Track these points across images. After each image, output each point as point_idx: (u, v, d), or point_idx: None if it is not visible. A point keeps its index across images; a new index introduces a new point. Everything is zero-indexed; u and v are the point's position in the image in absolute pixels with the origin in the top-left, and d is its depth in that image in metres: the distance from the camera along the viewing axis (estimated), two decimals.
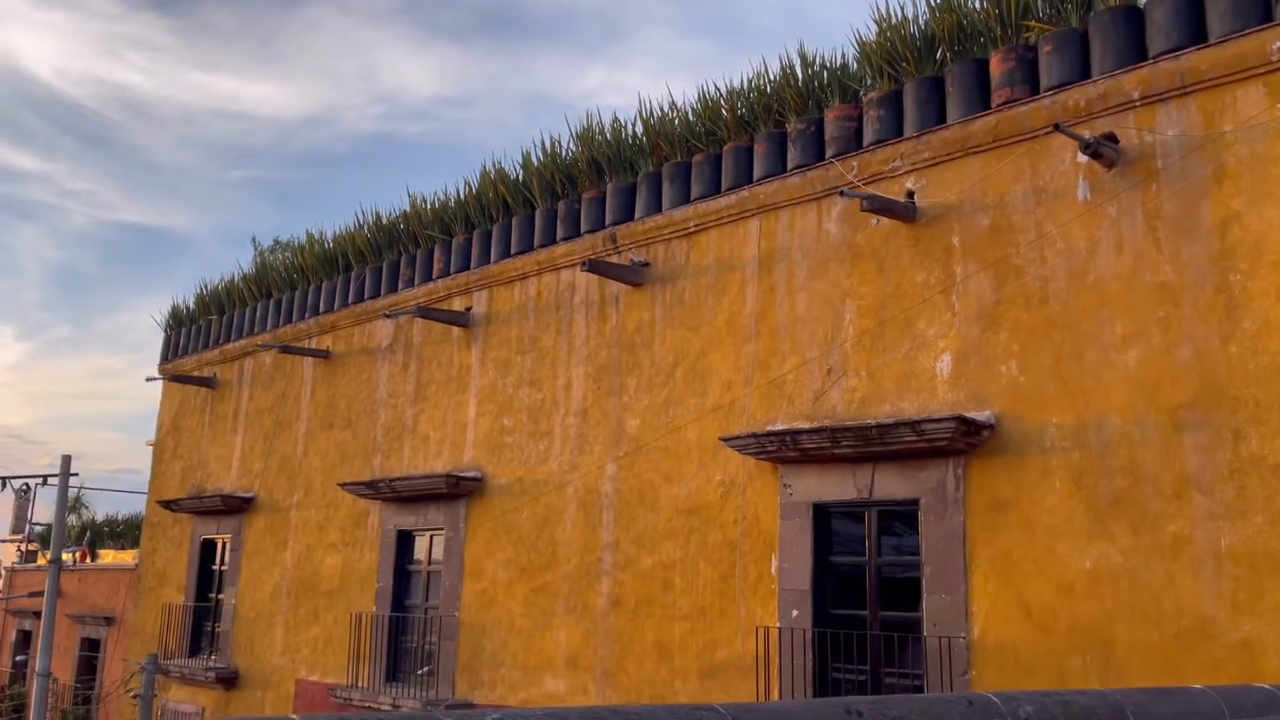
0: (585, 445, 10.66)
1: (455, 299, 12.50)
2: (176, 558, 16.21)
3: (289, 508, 14.29)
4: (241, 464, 15.41)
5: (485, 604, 11.22)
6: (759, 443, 8.79)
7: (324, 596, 13.32)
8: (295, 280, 15.18)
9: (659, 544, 9.76)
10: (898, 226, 8.63)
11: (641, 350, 10.37)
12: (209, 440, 16.25)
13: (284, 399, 14.90)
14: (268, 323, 15.45)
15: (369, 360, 13.59)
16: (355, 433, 13.52)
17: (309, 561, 13.72)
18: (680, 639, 9.41)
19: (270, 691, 13.79)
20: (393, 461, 12.82)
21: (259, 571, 14.54)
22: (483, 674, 11.03)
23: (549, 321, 11.37)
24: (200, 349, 16.84)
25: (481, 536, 11.49)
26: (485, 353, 12.02)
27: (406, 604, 12.32)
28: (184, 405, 17.09)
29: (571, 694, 10.16)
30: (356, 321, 13.88)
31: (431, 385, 12.58)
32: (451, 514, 11.84)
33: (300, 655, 13.47)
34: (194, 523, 15.93)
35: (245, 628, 14.52)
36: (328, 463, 13.82)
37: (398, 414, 12.95)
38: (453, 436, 12.15)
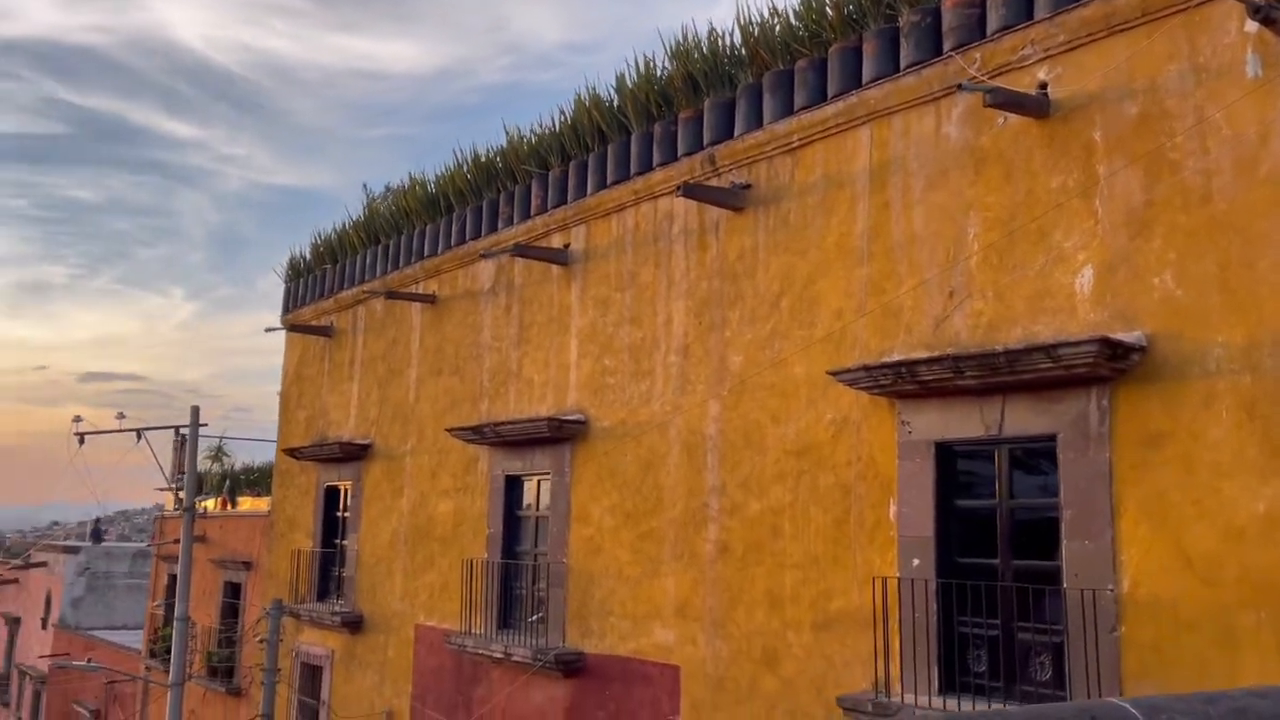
0: (687, 384, 10.00)
1: (554, 235, 11.95)
2: (304, 505, 16.46)
3: (403, 454, 14.20)
4: (358, 412, 15.43)
5: (592, 551, 10.78)
6: (872, 376, 7.93)
7: (438, 543, 13.19)
8: (401, 225, 14.95)
9: (767, 488, 9.06)
10: (1028, 124, 7.54)
11: (744, 280, 9.59)
12: (328, 389, 16.34)
13: (395, 345, 14.77)
14: (377, 269, 15.30)
15: (473, 304, 13.24)
16: (462, 378, 13.24)
17: (423, 508, 13.61)
18: (791, 589, 8.73)
19: (392, 636, 13.84)
20: (499, 406, 12.48)
21: (378, 518, 14.56)
22: (592, 622, 10.63)
23: (647, 255, 10.69)
24: (316, 299, 16.90)
25: (586, 481, 11.03)
26: (584, 291, 11.45)
27: (517, 550, 12.03)
28: (305, 355, 17.24)
29: (681, 645, 9.65)
30: (460, 264, 13.53)
31: (533, 327, 12.12)
32: (556, 458, 11.42)
33: (419, 600, 13.43)
34: (318, 470, 16.11)
35: (367, 573, 14.61)
36: (437, 408, 13.61)
37: (502, 357, 12.57)
38: (555, 379, 11.68)
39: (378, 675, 14.01)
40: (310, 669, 15.52)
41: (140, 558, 28.16)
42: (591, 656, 10.55)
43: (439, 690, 12.73)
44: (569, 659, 10.61)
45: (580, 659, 10.61)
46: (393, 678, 13.69)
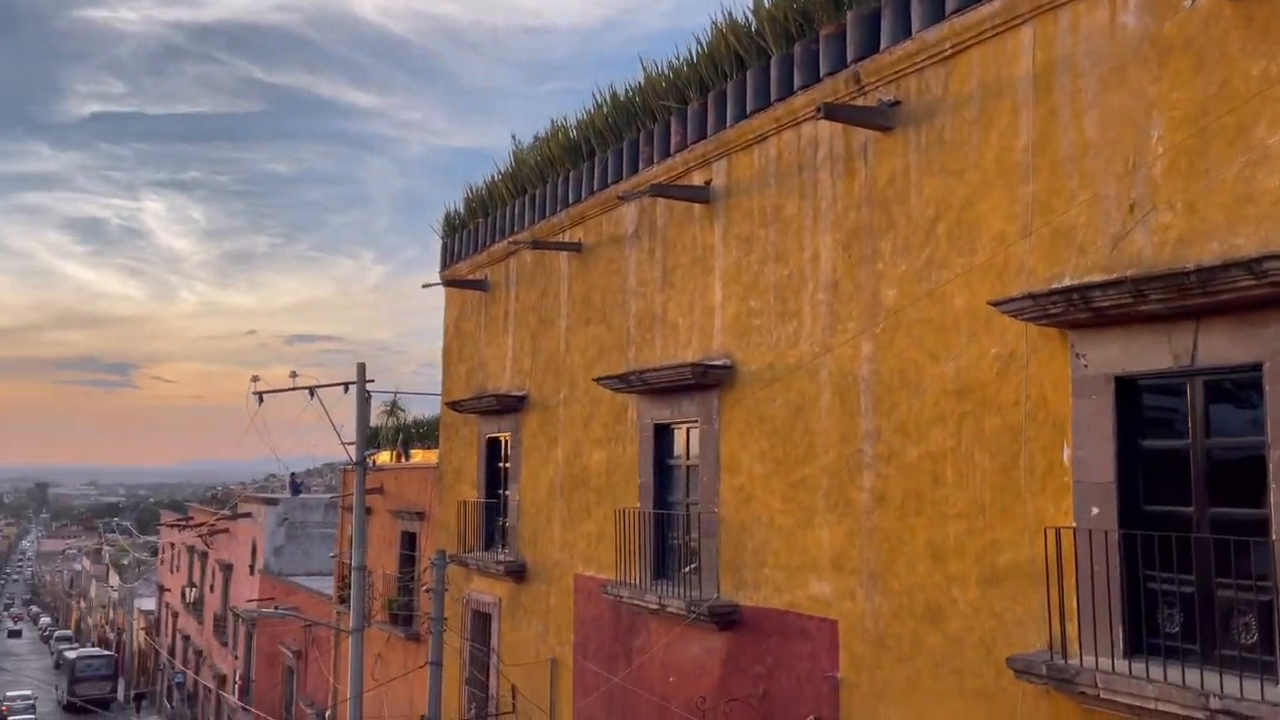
0: (837, 323, 9.35)
1: (694, 173, 11.43)
2: (468, 456, 16.75)
3: (557, 404, 14.14)
4: (513, 363, 15.48)
5: (743, 500, 10.36)
6: (1040, 305, 7.11)
7: (593, 492, 13.08)
8: (546, 174, 14.76)
9: (926, 432, 8.36)
10: (1221, 4, 6.46)
11: (896, 207, 8.82)
12: (485, 342, 16.48)
13: (545, 296, 14.67)
14: (525, 220, 15.20)
15: (617, 249, 12.92)
16: (609, 325, 12.99)
17: (578, 458, 13.52)
18: (955, 540, 8.05)
19: (554, 585, 13.90)
20: (645, 353, 12.16)
21: (536, 468, 14.61)
22: (746, 574, 10.25)
23: (791, 186, 10.04)
24: (471, 253, 17.02)
25: (735, 428, 10.58)
26: (727, 229, 10.91)
27: (669, 500, 11.75)
28: (463, 309, 17.45)
29: (838, 598, 9.13)
30: (603, 210, 13.22)
31: (677, 270, 11.69)
32: (704, 405, 11.01)
33: (577, 550, 13.41)
34: (479, 422, 16.32)
35: (529, 523, 14.71)
36: (587, 358, 13.43)
37: (647, 303, 12.22)
38: (700, 323, 11.24)
39: (541, 624, 14.14)
40: (480, 616, 15.87)
41: (331, 508, 29.73)
42: (747, 609, 10.18)
43: (599, 640, 12.69)
44: (724, 611, 10.28)
45: (735, 611, 10.26)
46: (555, 626, 13.77)
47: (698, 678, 10.82)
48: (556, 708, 13.52)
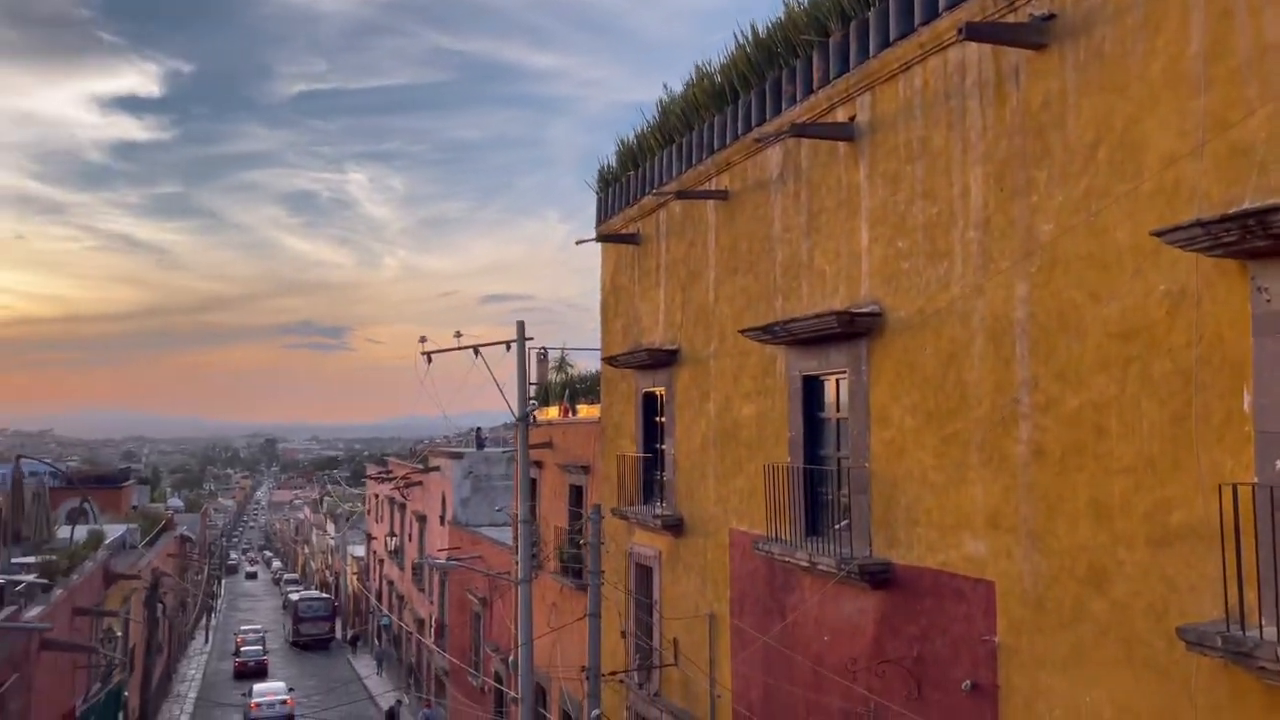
0: (989, 263, 8.63)
1: (838, 109, 10.81)
2: (626, 411, 16.77)
3: (707, 358, 13.88)
4: (665, 317, 15.30)
5: (894, 454, 9.83)
6: (1213, 233, 6.26)
7: (744, 447, 12.79)
8: (691, 120, 14.38)
9: (1087, 379, 7.61)
10: None
11: (1051, 132, 8.00)
12: (639, 296, 16.37)
13: (693, 247, 14.37)
14: (673, 170, 14.91)
15: (762, 195, 12.45)
16: (756, 275, 12.58)
17: (728, 411, 13.25)
18: (1121, 497, 7.31)
19: (710, 540, 13.76)
20: (792, 302, 11.70)
21: (690, 422, 14.44)
22: (898, 531, 9.75)
23: (938, 116, 9.30)
24: (623, 207, 16.89)
25: (885, 379, 10.02)
26: (873, 167, 10.27)
27: (819, 454, 11.32)
28: (618, 264, 17.38)
29: (994, 558, 8.53)
30: (747, 155, 12.75)
31: (823, 214, 11.14)
32: (852, 355, 10.49)
33: (730, 505, 13.19)
34: (635, 377, 16.28)
35: (684, 477, 14.60)
36: (735, 309, 13.08)
37: (793, 250, 11.73)
38: (847, 269, 10.68)
39: (699, 578, 14.05)
40: (642, 569, 15.95)
41: (512, 462, 30.70)
42: (900, 568, 9.69)
43: (754, 596, 12.47)
44: (875, 570, 9.83)
45: (887, 570, 9.79)
46: (712, 581, 13.65)
47: (851, 637, 10.44)
48: (716, 662, 13.43)
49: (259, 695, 36.62)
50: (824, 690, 10.85)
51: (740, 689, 12.78)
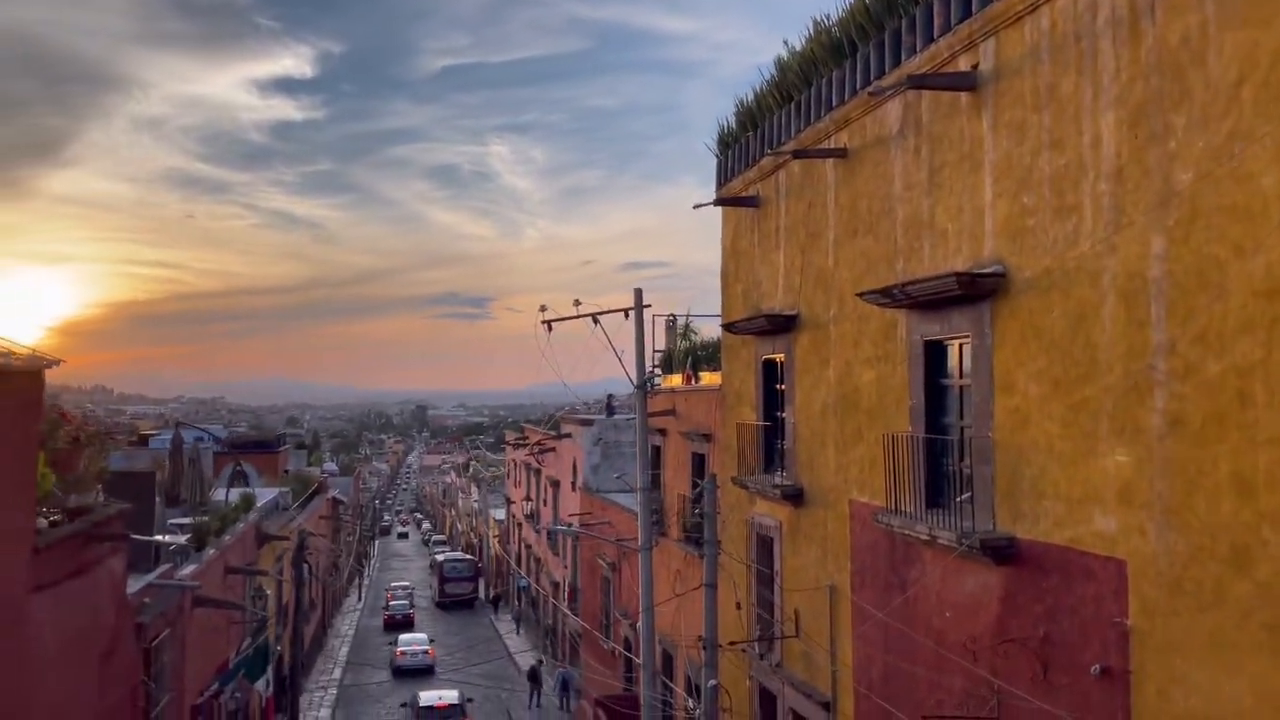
0: (1122, 217, 7.97)
1: (960, 58, 10.17)
2: (746, 378, 16.48)
3: (827, 322, 13.45)
4: (785, 281, 14.91)
5: (1019, 423, 9.27)
6: None
7: (865, 414, 12.35)
8: (810, 76, 13.87)
9: (1230, 342, 6.94)
10: None
11: (1190, 71, 7.28)
12: (759, 260, 16.00)
13: (812, 208, 13.91)
14: (791, 129, 14.44)
15: (882, 152, 11.90)
16: (876, 236, 12.06)
17: (849, 378, 12.81)
18: (1266, 471, 6.66)
19: (830, 510, 13.39)
20: (914, 264, 11.16)
21: (809, 389, 14.06)
22: (1023, 505, 9.20)
23: (1067, 60, 8.62)
24: (742, 169, 16.51)
25: (1009, 343, 9.45)
26: (996, 117, 9.63)
27: (942, 422, 10.80)
28: (738, 228, 17.04)
29: (1126, 535, 7.94)
30: (866, 110, 12.20)
31: (944, 169, 10.55)
32: (975, 319, 9.93)
33: (850, 475, 12.78)
34: (755, 343, 15.96)
35: (804, 446, 14.24)
36: (855, 272, 12.60)
37: (914, 208, 11.17)
38: (970, 227, 10.09)
39: (820, 549, 13.71)
40: (763, 539, 15.71)
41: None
42: (1024, 543, 9.16)
43: (875, 569, 12.08)
44: (998, 545, 9.33)
45: (1011, 545, 9.27)
46: (833, 553, 13.30)
47: (974, 614, 9.97)
48: (836, 635, 13.11)
49: (404, 644, 39.40)
50: (945, 669, 10.42)
51: (861, 664, 12.44)
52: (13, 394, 8.64)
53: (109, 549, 11.60)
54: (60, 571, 9.89)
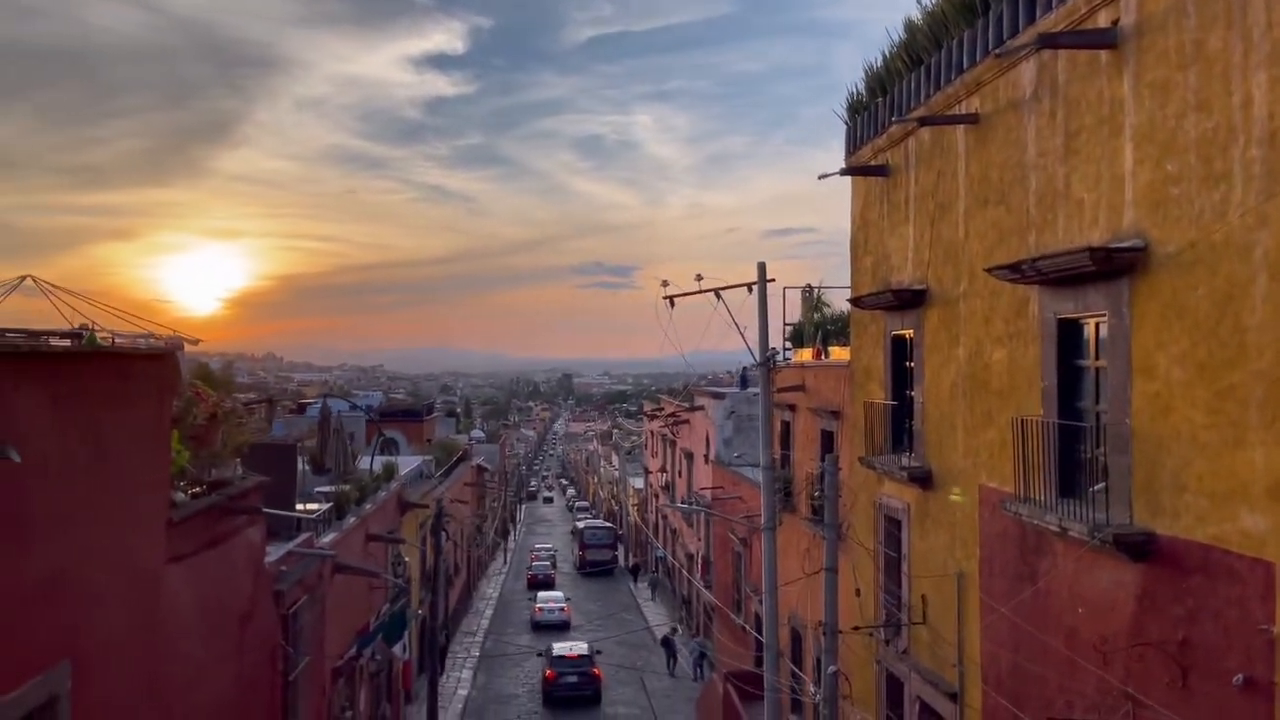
0: (1275, 185, 7.19)
1: (1099, 13, 9.40)
2: (875, 354, 15.92)
3: (956, 298, 12.80)
4: (914, 254, 14.27)
5: (1159, 410, 8.56)
6: None
7: (995, 396, 11.72)
8: (940, 37, 13.14)
9: None
10: None
11: None
12: (888, 232, 15.38)
13: (942, 178, 13.23)
14: (920, 94, 13.75)
15: (1015, 116, 11.16)
16: (1009, 207, 11.36)
17: (978, 357, 12.17)
18: None
19: (958, 495, 12.81)
20: (1047, 236, 10.45)
21: (938, 368, 13.45)
22: (1162, 498, 8.52)
23: (1214, 13, 7.82)
24: (871, 136, 15.87)
25: (1149, 323, 8.72)
26: (1138, 77, 8.85)
27: (1077, 406, 10.12)
28: (868, 198, 16.42)
29: (1276, 535, 7.23)
30: (998, 72, 11.46)
31: (1081, 134, 9.80)
32: (1112, 296, 9.22)
33: (980, 459, 12.17)
34: (884, 319, 15.39)
35: (933, 427, 13.66)
36: (986, 245, 11.92)
37: (1048, 177, 10.45)
38: (1108, 197, 9.35)
39: (948, 535, 13.15)
40: (891, 521, 15.20)
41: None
42: (1164, 539, 8.49)
43: (1004, 559, 11.48)
44: (1135, 540, 8.68)
45: (1149, 541, 8.60)
46: (962, 539, 12.73)
47: (1107, 613, 9.34)
48: (964, 625, 12.57)
49: (542, 601, 42.33)
50: (1077, 670, 9.82)
51: (988, 658, 11.89)
52: (147, 376, 9.08)
53: (246, 520, 12.16)
54: (196, 542, 10.42)
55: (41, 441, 7.10)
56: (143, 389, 8.94)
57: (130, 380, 8.68)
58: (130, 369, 8.72)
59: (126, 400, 8.60)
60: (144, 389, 8.96)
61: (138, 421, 8.83)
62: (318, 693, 16.39)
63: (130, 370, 8.70)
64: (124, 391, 8.52)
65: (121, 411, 8.48)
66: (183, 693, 10.14)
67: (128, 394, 8.60)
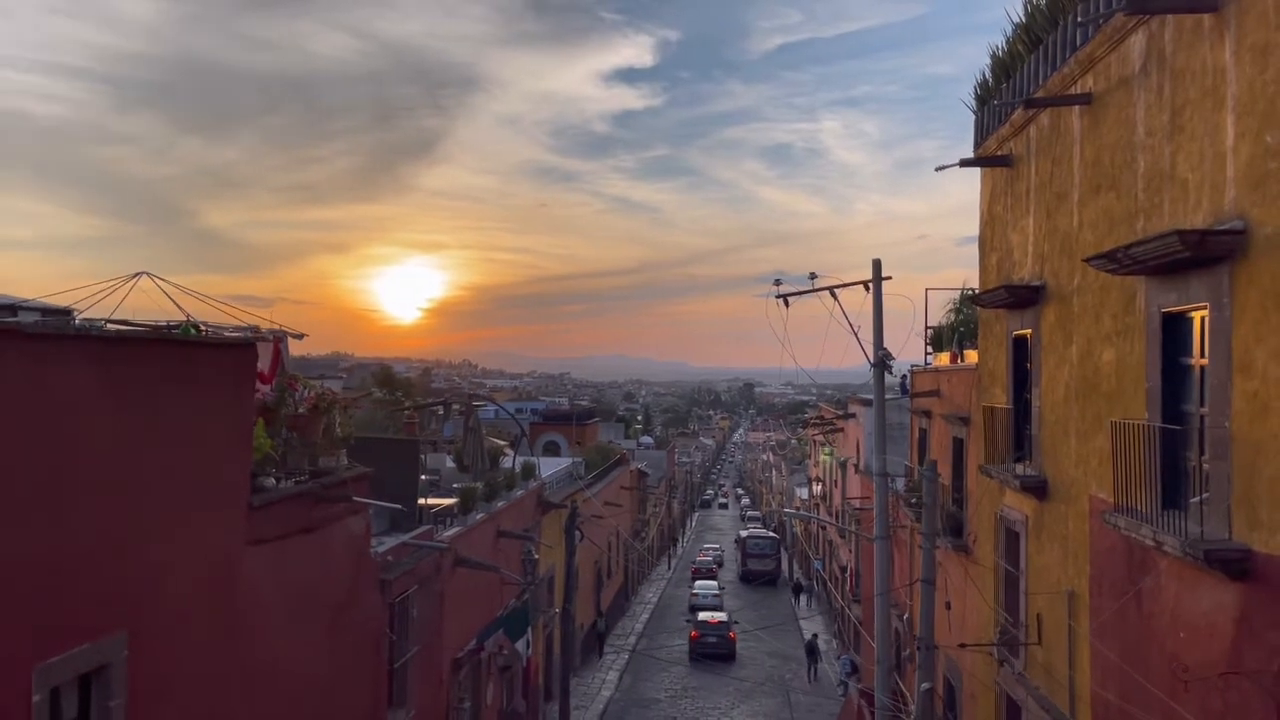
0: None
1: None
2: (999, 356, 14.98)
3: (1070, 293, 11.87)
4: (1033, 248, 13.34)
5: (1258, 412, 7.62)
6: None
7: (1104, 399, 10.77)
8: (1056, 15, 12.25)
9: None
10: None
11: None
12: (1011, 226, 14.46)
13: (1058, 165, 12.31)
14: (1039, 76, 12.85)
15: (1125, 93, 10.25)
16: (1119, 192, 10.43)
17: (1090, 357, 11.23)
18: None
19: (1071, 506, 11.85)
20: (1154, 222, 9.53)
21: (1054, 370, 12.50)
22: (1260, 511, 7.57)
23: None
24: (996, 125, 14.98)
25: (1250, 315, 7.78)
26: (1239, 41, 7.93)
27: (1182, 410, 9.15)
28: (994, 191, 15.50)
29: None
30: (1110, 47, 10.56)
31: (1186, 109, 8.88)
32: (1212, 285, 8.29)
33: (1090, 467, 11.21)
34: (1006, 318, 14.46)
35: (1049, 433, 12.70)
36: (1098, 234, 10.99)
37: (1155, 158, 9.53)
38: (1211, 176, 8.42)
39: (1061, 549, 12.18)
40: (1010, 534, 14.23)
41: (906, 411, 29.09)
42: (1262, 556, 7.53)
43: (1112, 575, 10.51)
44: (1229, 557, 7.74)
45: (1247, 559, 7.66)
46: (1074, 554, 11.75)
47: (1208, 638, 8.37)
48: (1075, 647, 11.60)
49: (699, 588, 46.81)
50: (1179, 699, 8.85)
51: (1098, 681, 10.91)
52: (226, 365, 9.60)
53: (344, 508, 12.64)
54: (284, 528, 10.90)
55: (101, 420, 7.60)
56: (218, 377, 9.43)
57: (202, 367, 9.18)
58: (200, 357, 9.21)
59: (200, 386, 9.10)
60: (219, 377, 9.45)
61: (213, 407, 9.32)
62: (434, 681, 16.87)
63: (200, 358, 9.19)
64: (195, 377, 9.01)
65: (193, 396, 8.98)
66: (269, 672, 10.62)
67: (199, 379, 9.09)
